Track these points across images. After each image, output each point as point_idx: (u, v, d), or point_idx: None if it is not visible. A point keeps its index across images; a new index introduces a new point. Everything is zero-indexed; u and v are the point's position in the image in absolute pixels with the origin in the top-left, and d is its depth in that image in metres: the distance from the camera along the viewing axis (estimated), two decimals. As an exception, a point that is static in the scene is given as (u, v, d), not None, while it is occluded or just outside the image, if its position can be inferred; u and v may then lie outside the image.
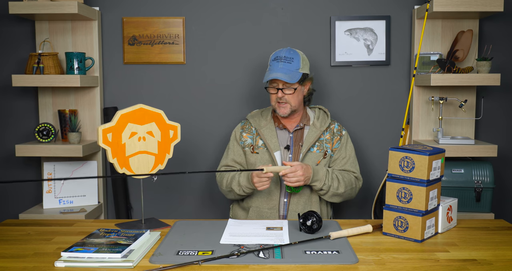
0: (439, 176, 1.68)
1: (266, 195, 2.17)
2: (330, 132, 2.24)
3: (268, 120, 2.25)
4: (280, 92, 2.15)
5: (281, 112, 2.18)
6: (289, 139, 2.21)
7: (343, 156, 2.24)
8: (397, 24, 2.65)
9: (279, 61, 2.15)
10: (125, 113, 1.75)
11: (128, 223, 1.86)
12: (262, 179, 2.00)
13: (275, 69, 2.13)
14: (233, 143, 2.29)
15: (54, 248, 1.56)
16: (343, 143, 2.26)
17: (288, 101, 2.16)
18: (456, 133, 2.62)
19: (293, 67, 2.14)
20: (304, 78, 2.19)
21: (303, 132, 2.23)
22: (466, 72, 2.41)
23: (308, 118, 2.27)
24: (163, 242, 1.60)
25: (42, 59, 2.41)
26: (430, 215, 1.66)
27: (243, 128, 2.29)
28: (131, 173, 1.77)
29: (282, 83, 2.14)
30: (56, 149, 2.38)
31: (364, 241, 1.62)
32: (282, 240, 1.61)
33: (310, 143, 2.17)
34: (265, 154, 2.18)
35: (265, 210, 2.16)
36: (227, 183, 2.19)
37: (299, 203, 2.15)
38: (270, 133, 2.20)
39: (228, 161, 2.27)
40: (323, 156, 2.19)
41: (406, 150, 1.64)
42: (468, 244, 1.60)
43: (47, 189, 2.51)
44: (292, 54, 2.16)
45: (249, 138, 2.24)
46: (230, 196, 2.24)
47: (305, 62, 2.19)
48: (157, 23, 2.65)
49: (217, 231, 1.72)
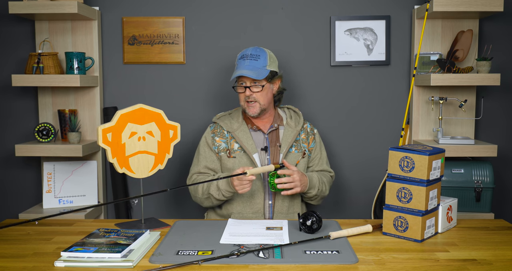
0: (439, 176, 1.68)
1: (249, 198, 2.09)
2: (304, 131, 2.22)
3: (240, 123, 2.17)
4: (248, 91, 2.10)
5: (250, 111, 2.13)
6: (265, 140, 2.15)
7: (319, 155, 2.24)
8: (397, 24, 2.65)
9: (245, 59, 2.11)
10: (125, 113, 1.75)
11: (128, 223, 1.85)
12: (243, 182, 1.93)
13: (242, 67, 2.10)
14: (204, 149, 2.19)
15: (54, 248, 1.56)
16: (318, 141, 2.25)
17: (256, 100, 2.11)
18: (456, 133, 2.62)
19: (259, 64, 2.10)
20: (273, 76, 2.15)
21: (278, 133, 2.18)
22: (466, 72, 2.41)
23: (281, 118, 2.23)
24: (163, 242, 1.60)
25: (42, 59, 2.41)
26: (430, 215, 1.66)
27: (214, 133, 2.20)
28: (131, 172, 1.77)
29: (249, 81, 2.10)
30: (56, 148, 2.38)
31: (364, 241, 1.62)
32: (282, 240, 1.61)
33: (289, 143, 2.13)
34: (243, 157, 2.11)
35: (249, 214, 2.08)
36: (204, 189, 2.08)
37: (283, 204, 2.10)
38: (245, 136, 2.13)
39: (200, 168, 2.16)
40: (301, 156, 2.16)
41: (406, 149, 1.64)
42: (468, 244, 1.60)
43: (47, 188, 2.51)
44: (258, 52, 2.13)
45: (222, 142, 2.16)
46: (206, 204, 2.13)
47: (272, 59, 2.15)
48: (157, 23, 2.65)
49: (217, 231, 1.71)
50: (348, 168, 2.73)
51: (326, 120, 2.71)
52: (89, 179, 2.58)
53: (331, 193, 2.69)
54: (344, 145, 2.72)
